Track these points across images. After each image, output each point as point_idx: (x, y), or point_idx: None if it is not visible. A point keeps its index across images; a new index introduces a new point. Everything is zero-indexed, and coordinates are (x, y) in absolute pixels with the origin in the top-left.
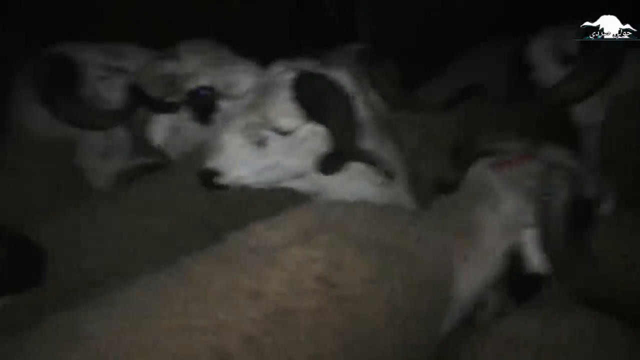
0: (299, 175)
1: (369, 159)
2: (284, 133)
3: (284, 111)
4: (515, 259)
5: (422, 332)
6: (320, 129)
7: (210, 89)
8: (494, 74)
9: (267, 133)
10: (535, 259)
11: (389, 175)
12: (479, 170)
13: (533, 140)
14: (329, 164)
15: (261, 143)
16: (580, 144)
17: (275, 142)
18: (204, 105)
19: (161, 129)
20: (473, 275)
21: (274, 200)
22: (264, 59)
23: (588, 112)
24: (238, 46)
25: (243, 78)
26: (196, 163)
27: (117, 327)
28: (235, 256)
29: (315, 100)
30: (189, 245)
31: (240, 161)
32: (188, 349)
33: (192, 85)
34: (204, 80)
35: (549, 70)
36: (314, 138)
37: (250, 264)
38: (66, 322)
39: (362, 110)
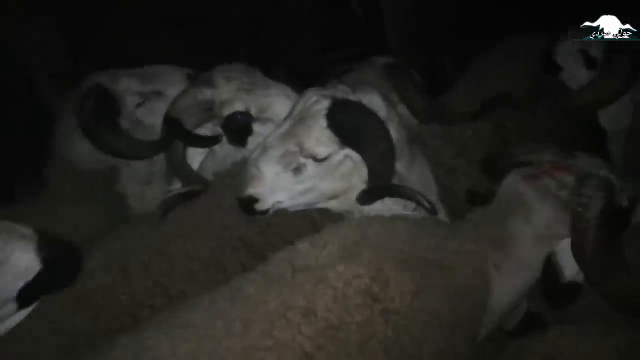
0: (334, 197)
1: (408, 195)
2: (320, 160)
3: (320, 140)
4: (550, 268)
5: (462, 340)
6: (355, 154)
7: (245, 113)
8: (520, 77)
9: (304, 160)
10: (570, 268)
11: (432, 209)
12: (512, 182)
13: (565, 151)
14: (368, 197)
15: (298, 170)
16: (607, 149)
17: (312, 167)
18: (239, 129)
19: (198, 153)
20: (507, 284)
21: (308, 217)
22: (295, 62)
23: (613, 117)
24: (270, 49)
25: (276, 101)
26: (232, 184)
27: (183, 349)
28: (285, 276)
29: (350, 127)
30: (230, 265)
31: (279, 187)
32: None
33: (228, 111)
34: (239, 106)
35: (574, 72)
36: (349, 162)
37: (300, 283)
38: (134, 345)
39: (393, 133)
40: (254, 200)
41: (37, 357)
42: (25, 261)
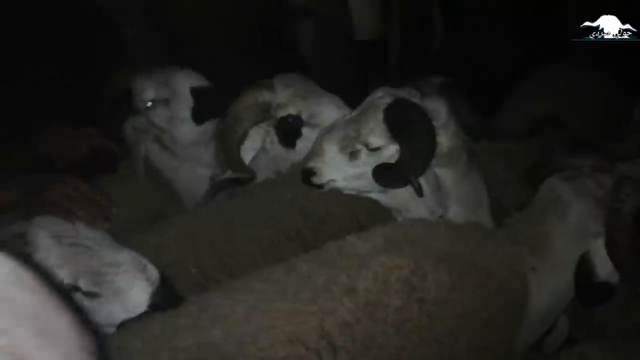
0: (383, 190)
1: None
2: (373, 149)
3: (374, 130)
4: (584, 267)
5: (498, 340)
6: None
7: (296, 117)
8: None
9: (359, 146)
10: (604, 268)
11: (420, 192)
12: (551, 183)
13: (606, 155)
14: (379, 174)
15: (353, 154)
16: None
17: (365, 155)
18: (289, 131)
19: (251, 149)
20: (545, 286)
21: (355, 219)
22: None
23: None
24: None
25: (326, 110)
26: (292, 182)
27: (241, 307)
28: (333, 259)
29: (401, 123)
30: (285, 253)
31: (334, 166)
32: (299, 328)
33: (282, 113)
34: (292, 110)
35: None
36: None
37: (345, 265)
38: (200, 301)
39: (446, 141)
40: (312, 172)
41: None
42: (138, 300)
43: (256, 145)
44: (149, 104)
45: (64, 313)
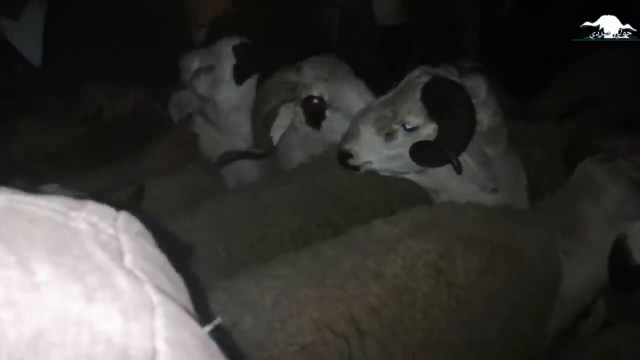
0: (421, 171)
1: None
2: (410, 129)
3: (411, 109)
4: (620, 251)
5: (529, 324)
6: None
7: (319, 98)
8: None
9: (396, 127)
10: None
11: (459, 168)
12: (585, 166)
13: None
14: (417, 152)
15: (389, 135)
16: None
17: (402, 136)
18: (314, 112)
19: (281, 127)
20: (578, 270)
21: (389, 206)
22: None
23: None
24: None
25: (347, 94)
26: (324, 166)
27: (269, 293)
28: (360, 244)
29: (439, 101)
30: (314, 239)
31: (370, 148)
32: (326, 314)
33: (306, 94)
34: (315, 91)
35: None
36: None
37: (372, 250)
38: (230, 287)
39: (487, 118)
40: (348, 155)
41: None
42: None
43: (285, 123)
44: (193, 73)
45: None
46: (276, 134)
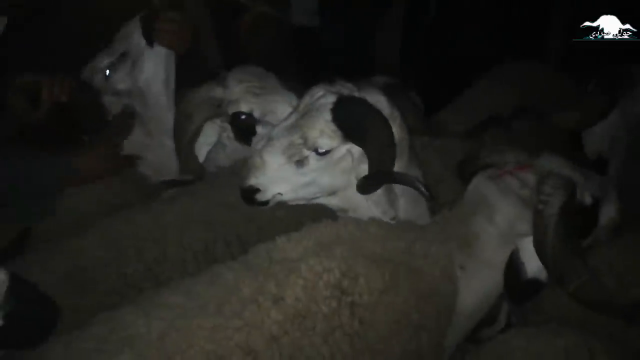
0: (333, 193)
1: (408, 181)
2: (323, 153)
3: (323, 132)
4: (514, 265)
5: (429, 343)
6: (356, 149)
7: (248, 114)
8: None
9: (307, 152)
10: (533, 266)
11: (430, 196)
12: (478, 181)
13: (530, 151)
14: (368, 184)
15: (300, 162)
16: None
17: (314, 161)
18: (244, 128)
19: (206, 144)
20: (472, 285)
21: (301, 222)
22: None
23: (594, 139)
24: None
25: (279, 108)
26: (234, 182)
27: (158, 327)
28: (261, 265)
29: (354, 121)
30: (221, 259)
31: (280, 179)
32: (221, 346)
33: (233, 110)
34: (244, 107)
35: None
36: (349, 158)
37: (273, 272)
38: (112, 322)
39: (395, 132)
40: (255, 190)
41: None
42: None
43: (211, 140)
44: (107, 71)
45: None
46: (201, 151)
